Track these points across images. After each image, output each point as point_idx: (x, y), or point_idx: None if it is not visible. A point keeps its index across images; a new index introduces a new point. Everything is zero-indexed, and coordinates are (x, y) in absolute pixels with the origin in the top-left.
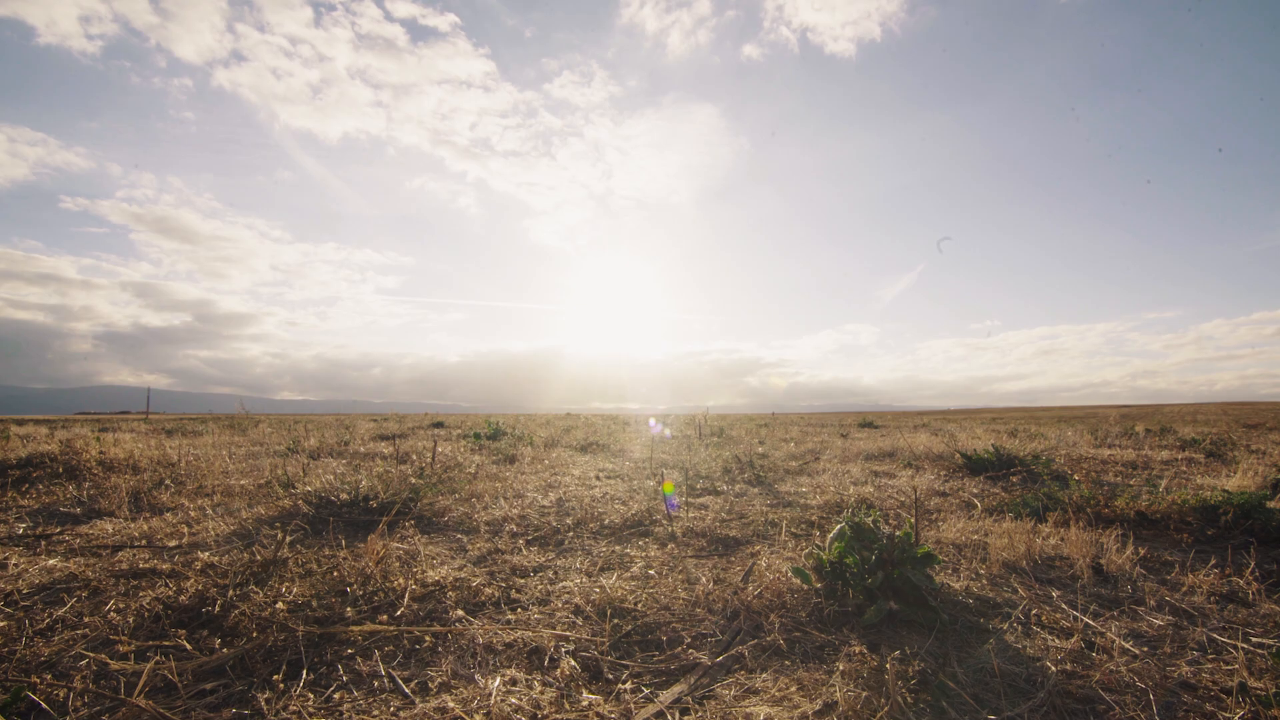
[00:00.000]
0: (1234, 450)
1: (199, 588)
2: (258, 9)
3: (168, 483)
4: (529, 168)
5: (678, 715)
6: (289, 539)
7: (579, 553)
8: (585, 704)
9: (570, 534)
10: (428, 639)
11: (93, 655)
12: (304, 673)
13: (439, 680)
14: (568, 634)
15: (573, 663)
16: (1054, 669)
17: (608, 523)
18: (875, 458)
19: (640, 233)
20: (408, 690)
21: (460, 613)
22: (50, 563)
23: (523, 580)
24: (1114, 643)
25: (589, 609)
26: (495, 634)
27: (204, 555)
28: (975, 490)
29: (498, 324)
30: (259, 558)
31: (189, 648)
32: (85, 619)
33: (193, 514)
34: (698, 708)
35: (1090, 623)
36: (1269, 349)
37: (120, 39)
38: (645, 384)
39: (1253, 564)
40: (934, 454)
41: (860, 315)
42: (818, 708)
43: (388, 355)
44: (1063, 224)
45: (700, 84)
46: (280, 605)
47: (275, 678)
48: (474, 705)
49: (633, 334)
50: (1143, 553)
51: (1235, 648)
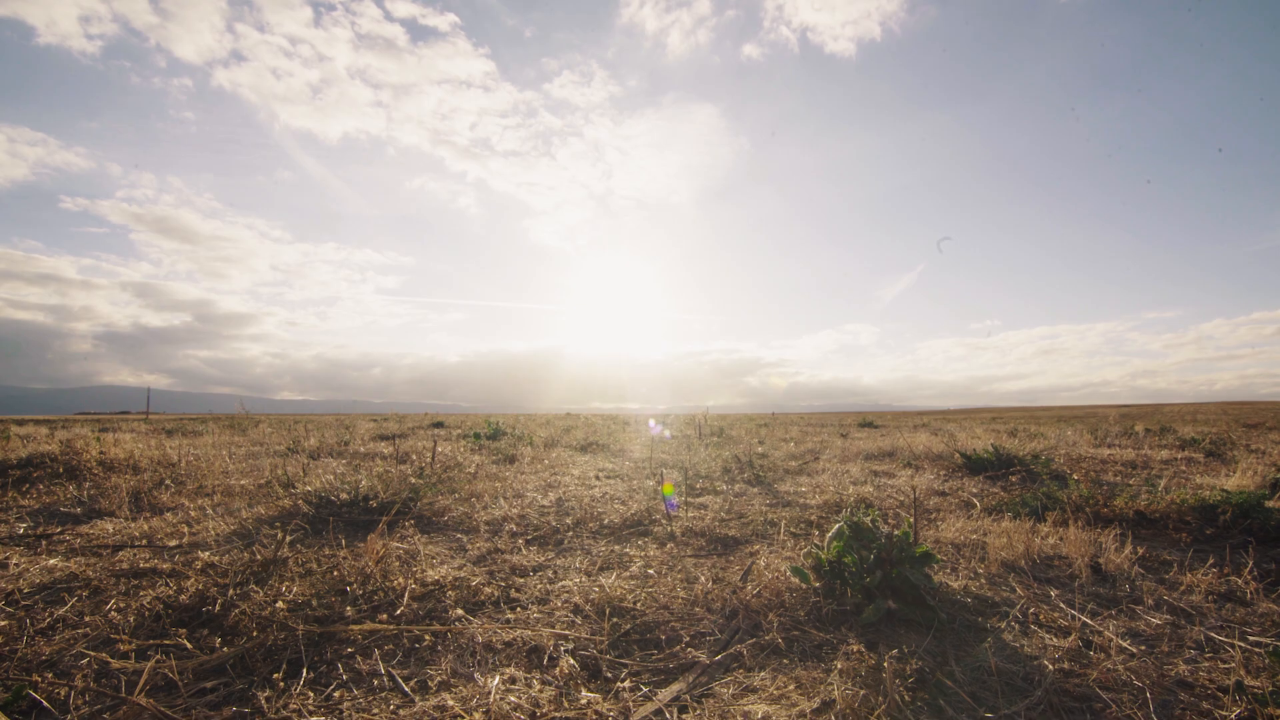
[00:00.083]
0: (1233, 450)
1: (199, 587)
2: (258, 9)
3: (168, 483)
4: (529, 168)
5: (676, 713)
6: (289, 538)
7: (578, 552)
8: (584, 702)
9: (570, 533)
10: (427, 638)
11: (94, 654)
12: (304, 671)
13: (439, 679)
14: (567, 633)
15: (572, 661)
16: (1051, 668)
17: (607, 522)
18: (875, 457)
19: (640, 233)
20: (407, 689)
21: (460, 612)
22: (51, 562)
23: (522, 579)
24: (1112, 641)
25: (588, 608)
26: (495, 633)
27: (204, 555)
28: (974, 490)
29: (498, 324)
30: (259, 557)
31: (189, 646)
32: (86, 618)
33: (193, 514)
34: (696, 706)
35: (1088, 622)
36: (1269, 349)
37: (120, 39)
38: (645, 384)
39: (1251, 563)
40: (933, 454)
41: (860, 315)
42: (815, 706)
43: (388, 355)
44: (1063, 224)
45: (700, 84)
46: (280, 604)
47: (275, 676)
48: (473, 703)
49: (633, 334)
50: (1141, 552)
51: (1233, 646)
